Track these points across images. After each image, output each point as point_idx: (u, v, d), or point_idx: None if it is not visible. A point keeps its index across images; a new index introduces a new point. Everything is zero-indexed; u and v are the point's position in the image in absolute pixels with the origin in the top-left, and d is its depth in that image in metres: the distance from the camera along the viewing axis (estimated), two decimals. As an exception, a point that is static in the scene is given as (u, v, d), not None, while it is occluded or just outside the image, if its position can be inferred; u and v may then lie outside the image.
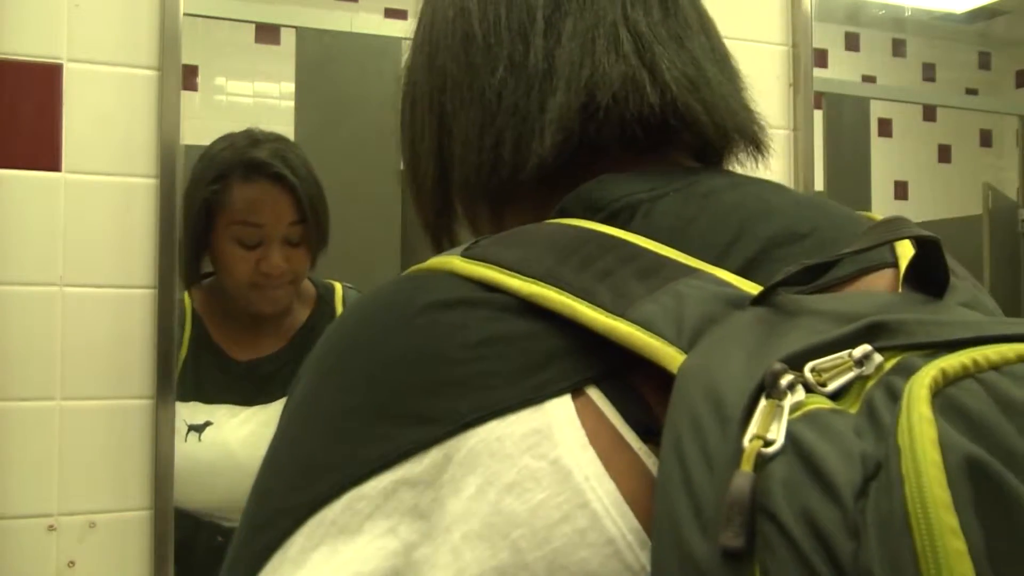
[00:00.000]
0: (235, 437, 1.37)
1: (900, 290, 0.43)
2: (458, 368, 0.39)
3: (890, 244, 0.44)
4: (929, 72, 4.02)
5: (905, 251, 0.44)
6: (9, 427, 1.15)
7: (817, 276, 0.40)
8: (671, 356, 0.37)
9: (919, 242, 0.41)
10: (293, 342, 1.46)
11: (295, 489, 0.40)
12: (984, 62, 4.12)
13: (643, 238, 0.44)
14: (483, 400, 0.38)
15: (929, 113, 3.71)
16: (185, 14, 1.22)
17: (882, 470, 0.29)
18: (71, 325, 1.17)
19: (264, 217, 1.35)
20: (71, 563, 1.16)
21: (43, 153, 1.17)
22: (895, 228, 0.40)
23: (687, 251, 0.43)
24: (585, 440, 0.37)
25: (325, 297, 1.51)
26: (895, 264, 0.45)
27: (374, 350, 0.42)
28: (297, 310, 1.48)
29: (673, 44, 0.53)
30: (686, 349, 0.37)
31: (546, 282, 0.40)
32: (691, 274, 0.41)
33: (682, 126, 0.52)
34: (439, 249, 0.60)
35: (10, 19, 1.16)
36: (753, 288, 0.40)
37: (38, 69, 1.17)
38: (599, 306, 0.39)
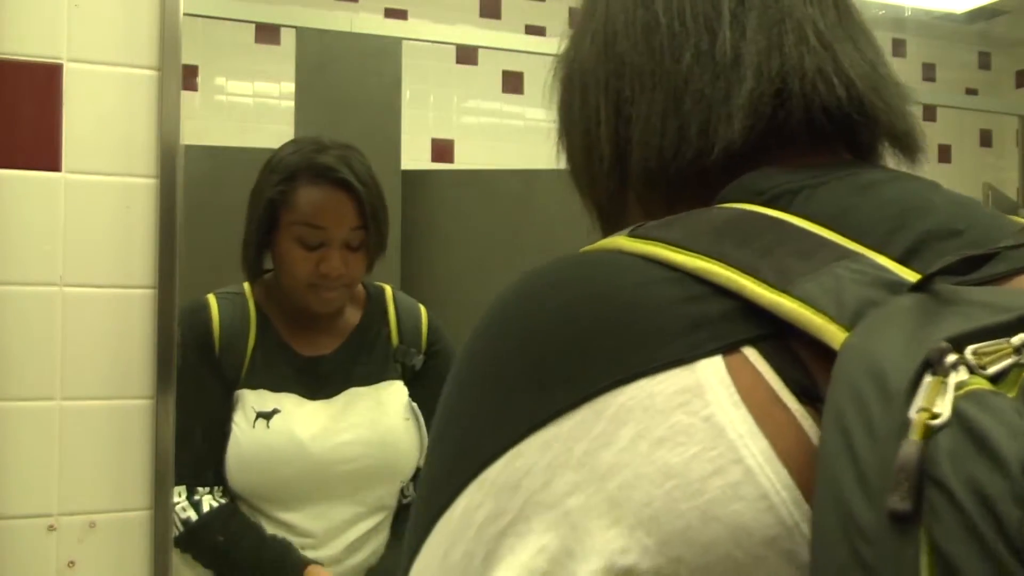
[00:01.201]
0: (303, 428, 1.41)
1: None
2: (608, 328, 0.41)
3: None
4: (929, 72, 4.02)
5: None
6: (9, 427, 1.15)
7: (975, 268, 0.41)
8: (834, 333, 0.38)
9: None
10: (349, 341, 1.51)
11: (459, 453, 0.43)
12: (984, 62, 4.12)
13: (803, 220, 0.45)
14: (633, 359, 0.40)
15: (929, 113, 3.72)
16: (185, 14, 1.22)
17: None
18: (71, 325, 1.17)
19: (327, 220, 1.40)
20: (71, 563, 1.16)
21: (43, 153, 1.17)
22: None
23: (847, 236, 0.44)
24: (737, 398, 0.39)
25: (376, 298, 1.56)
26: None
27: (530, 315, 0.44)
28: (349, 311, 1.53)
29: (849, 44, 0.55)
30: (848, 327, 0.38)
31: (710, 257, 0.42)
32: (850, 257, 0.42)
33: (863, 121, 0.54)
34: (607, 235, 0.63)
35: (10, 19, 1.16)
36: (911, 275, 0.41)
37: (38, 69, 1.17)
38: (763, 281, 0.41)
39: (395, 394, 1.50)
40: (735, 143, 0.52)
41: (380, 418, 1.46)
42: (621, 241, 0.46)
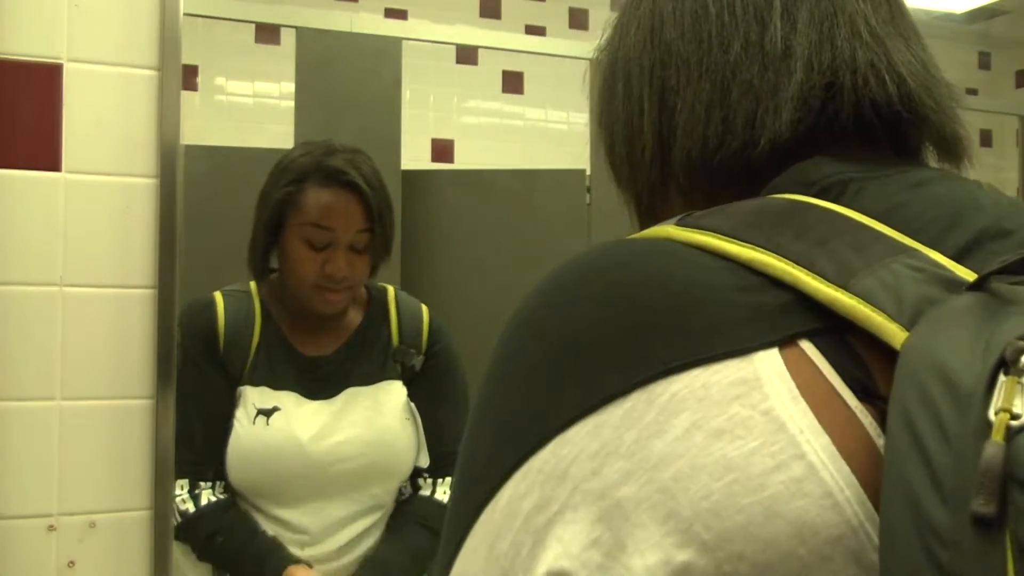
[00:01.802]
0: (302, 427, 1.43)
1: None
2: (659, 315, 0.41)
3: None
4: (929, 72, 4.01)
5: None
6: (9, 427, 1.15)
7: None
8: (894, 332, 0.38)
9: None
10: (350, 342, 1.53)
11: (502, 443, 0.42)
12: (984, 62, 4.11)
13: (855, 212, 0.45)
14: (687, 347, 0.39)
15: (929, 113, 3.70)
16: (185, 14, 1.22)
17: None
18: (71, 325, 1.17)
19: (335, 221, 1.42)
20: (71, 563, 1.16)
21: (43, 153, 1.17)
22: None
23: (901, 232, 0.44)
24: (796, 393, 0.38)
25: (378, 299, 1.58)
26: None
27: (578, 298, 0.43)
28: (351, 312, 1.55)
29: (900, 41, 0.55)
30: (908, 326, 0.38)
31: (766, 248, 0.42)
32: (906, 252, 0.41)
33: (912, 119, 0.53)
34: (645, 229, 0.61)
35: (10, 19, 1.16)
36: (968, 274, 0.40)
37: (38, 69, 1.17)
38: (820, 275, 0.40)
39: (394, 394, 1.51)
40: (782, 135, 0.51)
41: (378, 418, 1.47)
42: (670, 230, 0.46)
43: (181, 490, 1.39)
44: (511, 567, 0.40)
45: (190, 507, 1.40)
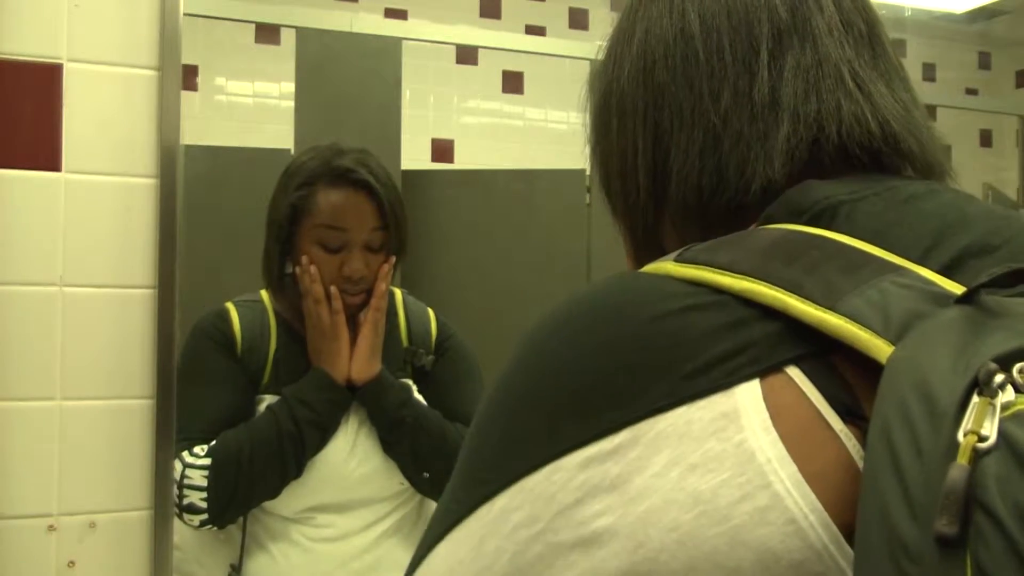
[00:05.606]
0: None
1: None
2: (653, 355, 0.43)
3: None
4: (929, 72, 4.01)
5: None
6: (9, 427, 1.15)
7: (1020, 281, 0.41)
8: (879, 347, 0.39)
9: None
10: None
11: (506, 452, 0.45)
12: (984, 62, 4.11)
13: (846, 236, 0.46)
14: (675, 387, 0.42)
15: (929, 113, 3.71)
16: (185, 14, 1.22)
17: None
18: (71, 325, 1.17)
19: (348, 221, 1.41)
20: (71, 563, 1.16)
21: (43, 153, 1.17)
22: None
23: (890, 251, 0.45)
24: (769, 423, 0.40)
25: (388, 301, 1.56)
26: None
27: (578, 337, 0.46)
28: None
29: (883, 84, 0.56)
30: (894, 341, 0.39)
31: (756, 277, 0.43)
32: (896, 271, 0.43)
33: (895, 154, 0.55)
34: (637, 253, 0.63)
35: (10, 19, 1.16)
36: (956, 288, 0.41)
37: (38, 69, 1.17)
38: (808, 299, 0.42)
39: None
40: (776, 183, 0.53)
41: None
42: (669, 266, 0.48)
43: (185, 455, 1.35)
44: (491, 565, 0.44)
45: (200, 452, 1.36)
